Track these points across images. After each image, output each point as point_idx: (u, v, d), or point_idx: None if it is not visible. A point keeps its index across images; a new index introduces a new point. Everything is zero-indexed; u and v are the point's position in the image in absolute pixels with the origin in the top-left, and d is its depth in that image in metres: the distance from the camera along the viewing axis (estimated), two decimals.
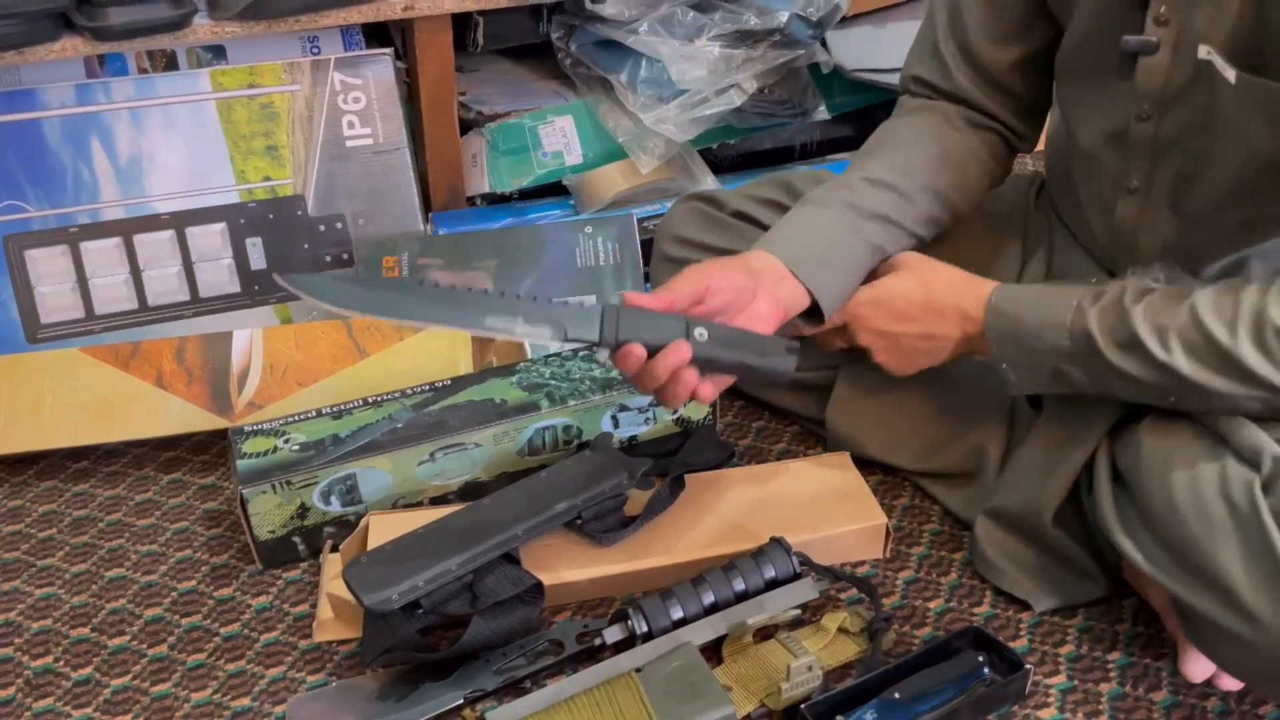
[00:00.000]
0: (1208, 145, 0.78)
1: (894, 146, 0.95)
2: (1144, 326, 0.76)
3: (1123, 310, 0.77)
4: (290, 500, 0.94)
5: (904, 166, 0.92)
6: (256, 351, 1.12)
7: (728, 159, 1.49)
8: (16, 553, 1.01)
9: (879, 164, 0.93)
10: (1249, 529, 0.69)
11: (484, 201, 1.41)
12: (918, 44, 0.99)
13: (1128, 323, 0.76)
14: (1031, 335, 0.81)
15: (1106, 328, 0.78)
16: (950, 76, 0.95)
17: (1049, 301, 0.82)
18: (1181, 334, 0.74)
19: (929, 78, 0.97)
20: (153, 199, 1.26)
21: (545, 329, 0.78)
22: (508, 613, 0.84)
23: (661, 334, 0.79)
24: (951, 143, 0.94)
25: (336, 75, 1.29)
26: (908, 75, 0.99)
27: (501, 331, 0.77)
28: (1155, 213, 0.85)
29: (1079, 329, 0.79)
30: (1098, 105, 0.86)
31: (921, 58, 0.98)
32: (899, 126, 0.97)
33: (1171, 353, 0.74)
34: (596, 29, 1.37)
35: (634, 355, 0.78)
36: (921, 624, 0.89)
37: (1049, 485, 0.86)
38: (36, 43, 1.16)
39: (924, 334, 0.88)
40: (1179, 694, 0.81)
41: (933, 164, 0.93)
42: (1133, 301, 0.77)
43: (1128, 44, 0.78)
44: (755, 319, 0.84)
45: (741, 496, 0.97)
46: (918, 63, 0.98)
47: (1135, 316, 0.76)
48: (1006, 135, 0.97)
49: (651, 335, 0.79)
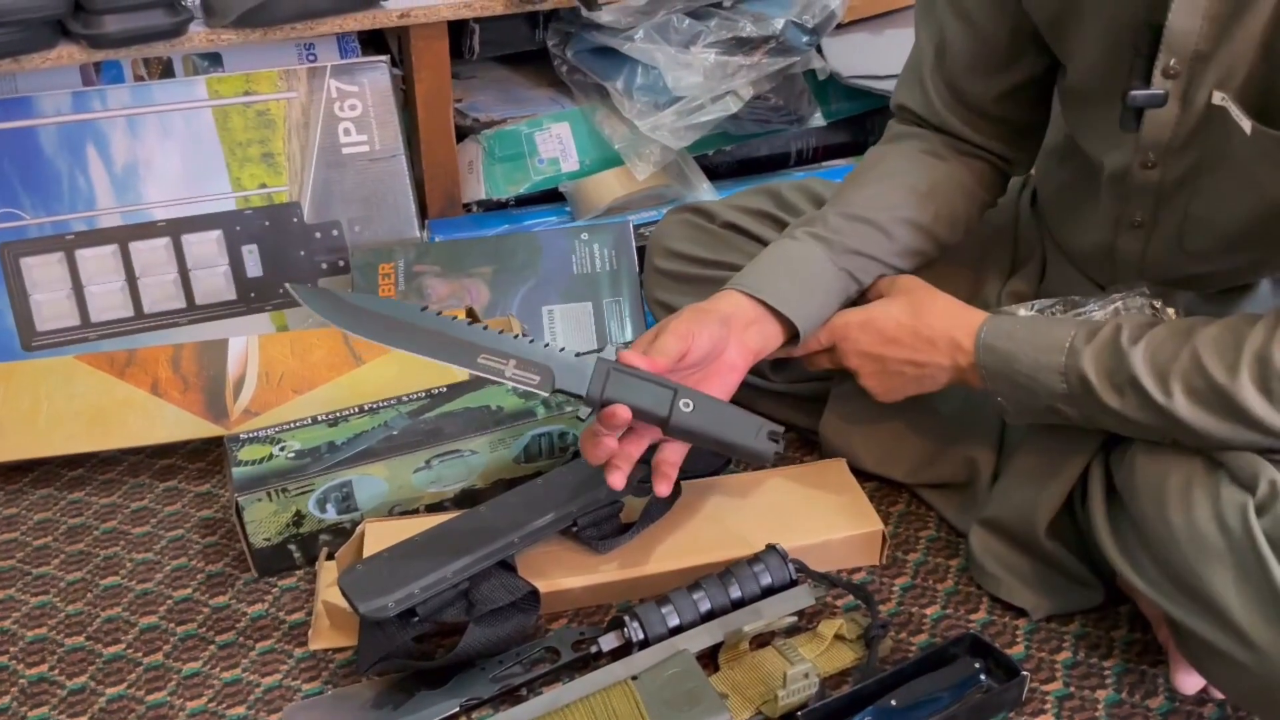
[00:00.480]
0: (1216, 188, 0.77)
1: (876, 178, 0.93)
2: (1144, 369, 0.73)
3: (1120, 352, 0.75)
4: (286, 508, 0.94)
5: (884, 201, 0.91)
6: (252, 359, 1.12)
7: (724, 165, 1.50)
8: (11, 560, 1.00)
9: (859, 197, 0.92)
10: (1242, 551, 0.69)
11: (480, 208, 1.41)
12: (905, 72, 0.97)
13: (1126, 365, 0.74)
14: (1025, 377, 0.79)
15: (1104, 370, 0.75)
16: (935, 109, 0.93)
17: (1040, 340, 0.79)
18: (1184, 378, 0.72)
19: (915, 109, 0.95)
20: (149, 206, 1.26)
21: (534, 377, 0.79)
22: (504, 620, 0.84)
23: (650, 400, 0.79)
24: (938, 174, 0.92)
25: (333, 82, 1.29)
26: (896, 102, 0.98)
27: (492, 374, 0.79)
28: (1160, 248, 0.83)
29: (1075, 373, 0.77)
30: (1099, 145, 0.83)
31: (908, 86, 0.95)
32: (884, 156, 0.95)
33: (1172, 397, 0.72)
34: (592, 36, 1.37)
35: (619, 416, 0.78)
36: (918, 631, 0.88)
37: (1042, 497, 0.86)
38: (33, 50, 1.16)
39: (912, 360, 0.86)
40: (1175, 701, 0.81)
41: (915, 197, 0.91)
42: (1130, 342, 0.74)
43: (1134, 99, 0.74)
44: (726, 368, 0.85)
45: (737, 503, 0.97)
46: (904, 91, 0.96)
47: (1134, 359, 0.74)
48: (996, 162, 0.95)
49: (641, 400, 0.79)
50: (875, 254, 0.90)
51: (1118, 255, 0.86)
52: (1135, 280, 0.87)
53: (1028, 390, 0.79)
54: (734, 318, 0.85)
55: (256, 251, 1.29)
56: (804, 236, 0.90)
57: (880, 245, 0.90)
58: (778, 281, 0.87)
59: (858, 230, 0.90)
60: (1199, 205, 0.78)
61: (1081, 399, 0.77)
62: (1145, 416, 0.75)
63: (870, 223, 0.90)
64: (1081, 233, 0.90)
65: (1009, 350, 0.80)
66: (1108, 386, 0.75)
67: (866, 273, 0.91)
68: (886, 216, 0.90)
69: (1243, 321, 0.72)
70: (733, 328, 0.85)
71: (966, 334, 0.83)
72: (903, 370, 0.87)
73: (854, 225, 0.90)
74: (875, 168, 0.95)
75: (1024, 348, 0.79)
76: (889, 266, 0.91)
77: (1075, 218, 0.91)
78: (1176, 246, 0.82)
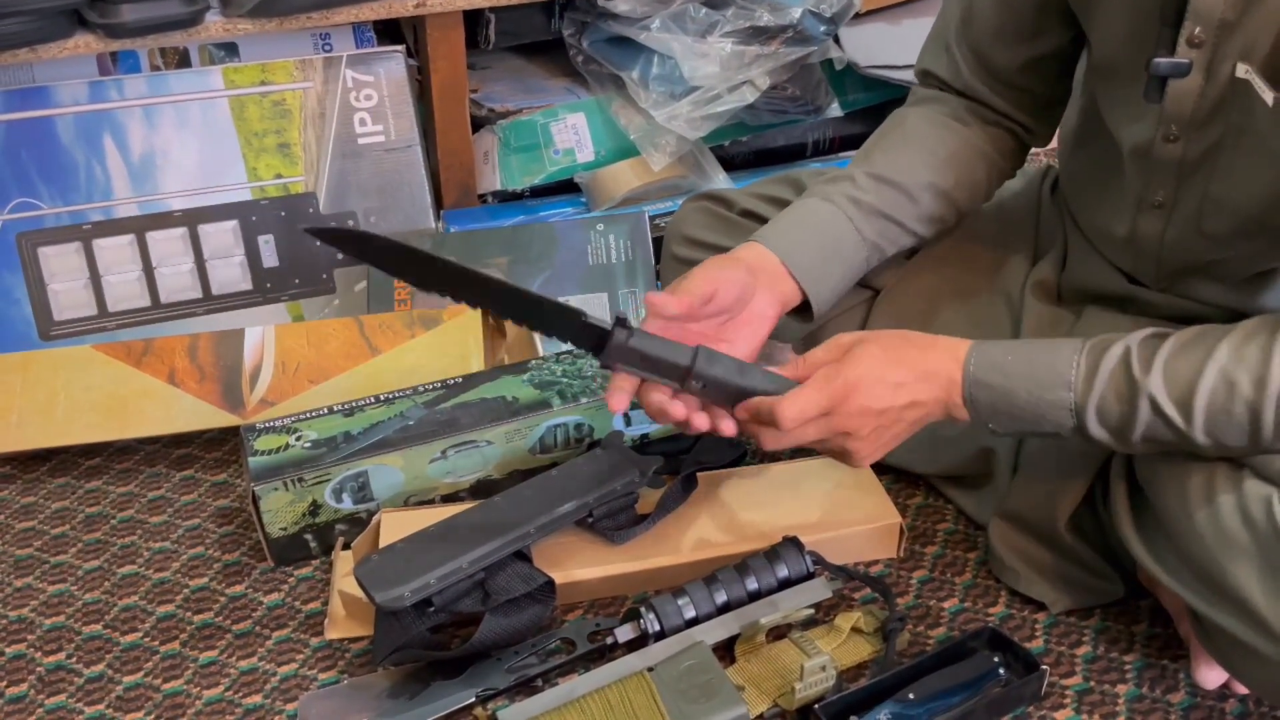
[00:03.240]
0: (1236, 165, 0.76)
1: (901, 140, 0.93)
2: (1163, 397, 0.71)
3: (1134, 382, 0.72)
4: (302, 497, 0.94)
5: (909, 162, 0.91)
6: (268, 349, 1.12)
7: (740, 156, 1.49)
8: (29, 549, 1.01)
9: (885, 158, 0.91)
10: (1267, 545, 0.68)
11: (495, 199, 1.41)
12: (932, 38, 0.97)
13: (1144, 395, 0.71)
14: (1029, 414, 0.75)
15: (1119, 405, 0.72)
16: (960, 74, 0.93)
17: (1040, 374, 0.74)
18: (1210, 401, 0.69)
19: (940, 73, 0.95)
20: (165, 196, 1.26)
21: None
22: (519, 611, 0.84)
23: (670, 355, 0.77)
24: (960, 139, 0.93)
25: (348, 72, 1.29)
26: (920, 68, 0.98)
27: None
28: (1179, 230, 0.82)
29: (1085, 409, 0.74)
30: (1123, 119, 0.83)
31: (934, 52, 0.96)
32: (907, 118, 0.95)
33: (1193, 424, 0.70)
34: (609, 26, 1.36)
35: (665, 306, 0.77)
36: (936, 624, 0.88)
37: (1062, 490, 0.85)
38: (50, 40, 1.16)
39: (914, 402, 0.77)
40: (1196, 696, 0.81)
41: (939, 161, 0.91)
42: (1143, 370, 0.72)
43: (1158, 67, 0.73)
44: (755, 317, 0.84)
45: (754, 495, 0.96)
46: (930, 57, 0.97)
47: (1152, 388, 0.71)
48: (1018, 131, 0.95)
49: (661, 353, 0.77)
50: (901, 218, 0.89)
51: (1138, 238, 0.86)
52: (1158, 274, 0.86)
53: (1030, 424, 0.76)
54: (762, 268, 0.84)
55: (272, 241, 1.29)
56: (837, 197, 0.89)
57: (906, 209, 0.90)
58: (804, 247, 0.86)
59: (884, 192, 0.89)
60: (1218, 185, 0.78)
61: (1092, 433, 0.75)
62: (1161, 438, 0.73)
63: (895, 185, 0.89)
64: (1103, 215, 0.90)
65: (1005, 387, 0.75)
66: (1122, 419, 0.73)
67: (891, 242, 0.90)
68: (911, 180, 0.90)
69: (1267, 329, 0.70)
70: (760, 277, 0.84)
71: (955, 366, 0.77)
72: (902, 417, 0.78)
73: (880, 187, 0.89)
74: (899, 128, 0.94)
75: (1022, 384, 0.75)
76: (911, 233, 0.91)
77: (1097, 200, 0.91)
78: (1195, 229, 0.81)
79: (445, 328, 1.13)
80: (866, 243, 0.89)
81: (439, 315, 1.14)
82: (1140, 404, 0.72)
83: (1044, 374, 0.75)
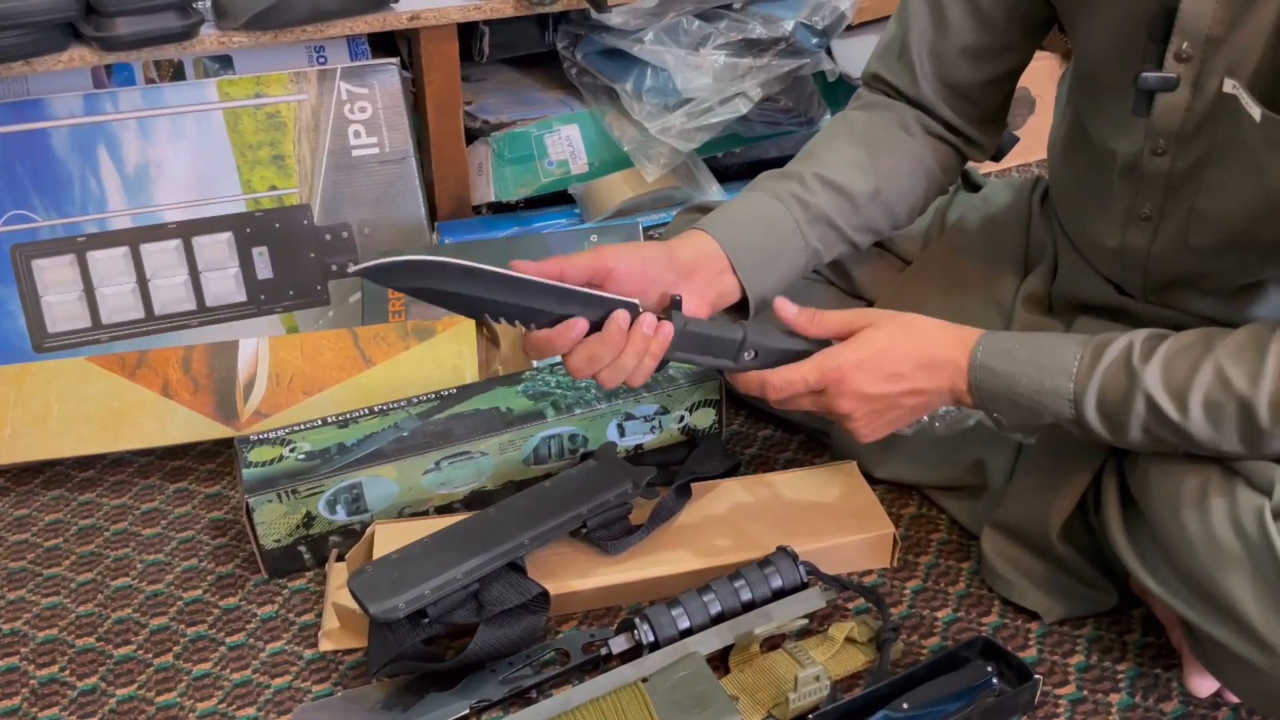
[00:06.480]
0: (1223, 179, 0.76)
1: (849, 144, 0.92)
2: (1159, 389, 0.72)
3: (1133, 372, 0.73)
4: (296, 509, 0.94)
5: (859, 170, 0.90)
6: (262, 360, 1.12)
7: (733, 167, 1.50)
8: (23, 561, 1.01)
9: (834, 161, 0.90)
10: (1259, 555, 0.68)
11: (490, 210, 1.41)
12: (885, 43, 0.95)
13: (1141, 386, 0.72)
14: (1028, 400, 0.76)
15: (1115, 395, 0.73)
16: (916, 84, 0.92)
17: (1044, 362, 0.76)
18: (1206, 394, 0.70)
19: (892, 80, 0.94)
20: (160, 208, 1.26)
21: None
22: (514, 622, 0.84)
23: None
24: (905, 150, 0.92)
25: (343, 85, 1.29)
26: (870, 72, 0.97)
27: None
28: (1166, 242, 0.83)
29: (1084, 399, 0.75)
30: (1110, 132, 0.83)
31: (886, 59, 0.94)
32: (855, 122, 0.94)
33: (1189, 416, 0.71)
34: (602, 38, 1.37)
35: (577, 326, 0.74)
36: (930, 634, 0.88)
37: (1055, 500, 0.85)
38: (44, 53, 1.17)
39: (914, 390, 0.79)
40: (1189, 705, 0.81)
41: (885, 171, 0.90)
42: (1142, 361, 0.73)
43: (1146, 82, 0.74)
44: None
45: (748, 505, 0.97)
46: (880, 62, 0.95)
47: (1149, 379, 0.72)
48: (960, 146, 0.95)
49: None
50: (842, 225, 0.89)
51: (1125, 250, 0.86)
52: (1145, 285, 0.86)
53: (1030, 412, 0.77)
54: (700, 265, 0.83)
55: (267, 254, 1.29)
56: (785, 197, 0.88)
57: (849, 217, 0.89)
58: (754, 253, 0.85)
59: (830, 197, 0.89)
60: (1205, 199, 0.78)
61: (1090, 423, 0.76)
62: (1160, 431, 0.73)
63: (842, 191, 0.89)
64: (1092, 227, 0.90)
65: (1009, 372, 0.77)
66: (1119, 409, 0.74)
67: (829, 249, 0.90)
68: (859, 188, 0.89)
69: (1263, 334, 0.70)
70: (695, 275, 0.83)
71: (964, 354, 0.79)
72: (901, 403, 0.80)
73: (828, 191, 0.89)
74: (848, 131, 0.93)
75: (1026, 370, 0.76)
76: (849, 241, 0.91)
77: (1086, 211, 0.91)
78: (1182, 242, 0.81)
79: (439, 339, 1.13)
80: (809, 248, 0.89)
81: (433, 326, 1.14)
82: (1137, 394, 0.73)
83: (1048, 362, 0.76)
